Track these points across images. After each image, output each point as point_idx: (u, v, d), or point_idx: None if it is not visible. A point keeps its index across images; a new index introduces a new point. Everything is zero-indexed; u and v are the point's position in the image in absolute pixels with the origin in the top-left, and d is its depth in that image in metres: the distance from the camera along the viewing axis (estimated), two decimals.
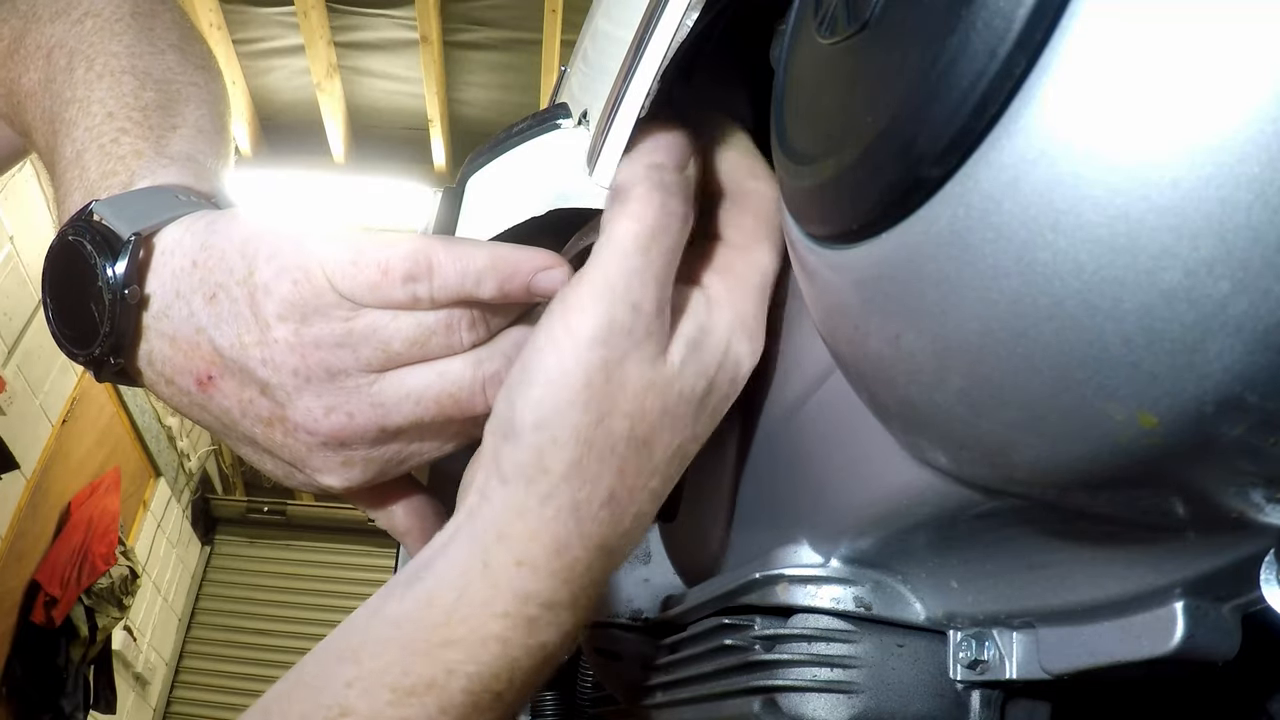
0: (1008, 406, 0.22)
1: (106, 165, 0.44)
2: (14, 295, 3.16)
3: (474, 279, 0.39)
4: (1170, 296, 0.18)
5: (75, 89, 0.48)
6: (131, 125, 0.46)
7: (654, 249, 0.35)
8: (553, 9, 3.18)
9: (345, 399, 0.39)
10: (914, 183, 0.22)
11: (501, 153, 0.43)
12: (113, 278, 0.40)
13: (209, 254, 0.40)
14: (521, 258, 0.39)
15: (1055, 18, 0.19)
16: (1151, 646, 0.28)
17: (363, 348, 0.39)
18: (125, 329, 0.40)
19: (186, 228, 0.41)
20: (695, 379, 0.37)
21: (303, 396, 0.39)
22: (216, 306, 0.39)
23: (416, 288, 0.38)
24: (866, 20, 0.25)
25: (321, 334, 0.38)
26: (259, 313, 0.39)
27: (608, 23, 0.43)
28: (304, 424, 0.40)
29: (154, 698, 4.77)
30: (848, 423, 0.35)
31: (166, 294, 0.40)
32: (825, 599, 0.36)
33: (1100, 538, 0.28)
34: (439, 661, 0.34)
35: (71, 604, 3.63)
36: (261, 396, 0.40)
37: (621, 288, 0.35)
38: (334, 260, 0.38)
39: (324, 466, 0.41)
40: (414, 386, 0.40)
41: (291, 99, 3.79)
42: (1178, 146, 0.18)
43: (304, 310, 0.38)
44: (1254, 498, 0.21)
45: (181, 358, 0.40)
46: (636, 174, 0.37)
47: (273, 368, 0.39)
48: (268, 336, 0.39)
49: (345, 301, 0.38)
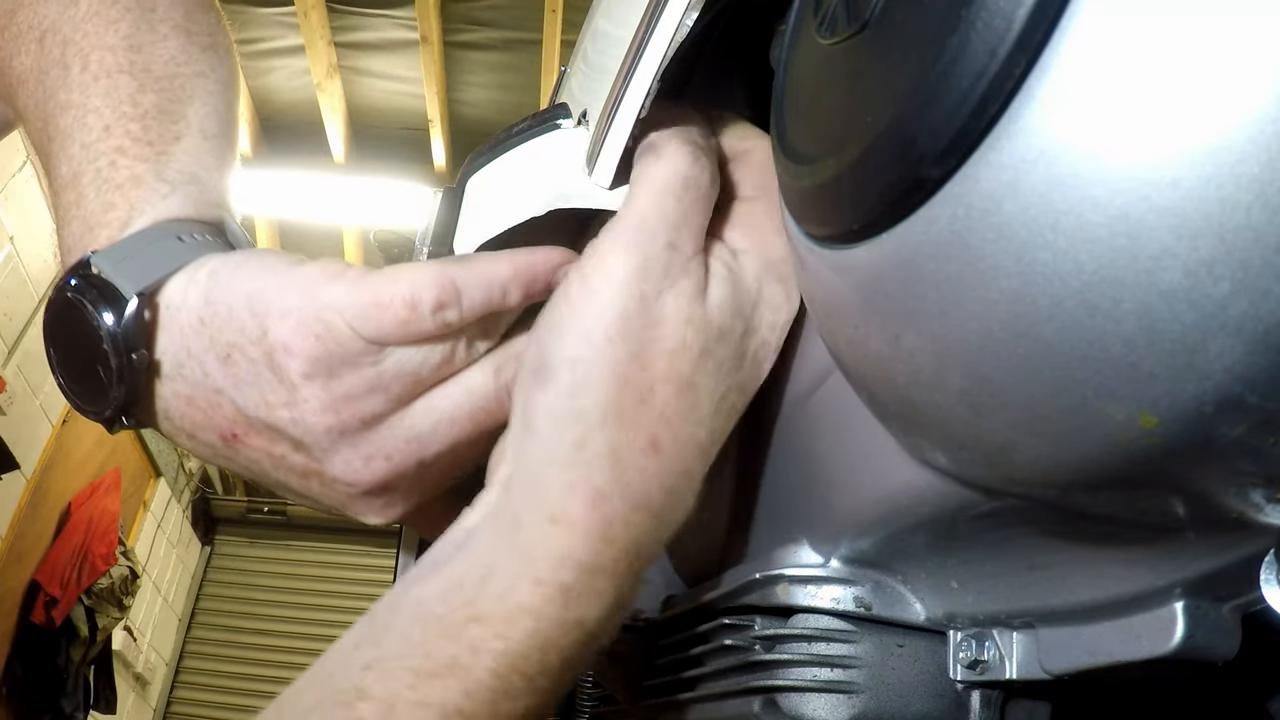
0: (1008, 407, 0.22)
1: (105, 196, 0.42)
2: (14, 295, 3.16)
3: (500, 292, 0.38)
4: (1170, 297, 0.18)
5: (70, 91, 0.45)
6: (130, 142, 0.44)
7: (687, 196, 0.35)
8: (553, 9, 3.17)
9: (382, 444, 0.38)
10: (914, 183, 0.22)
11: (501, 153, 0.43)
12: (120, 341, 0.38)
13: (215, 311, 0.38)
14: (539, 260, 0.39)
15: (1055, 18, 0.19)
16: (1151, 646, 0.28)
17: (394, 387, 0.38)
18: (136, 391, 0.39)
19: (189, 279, 0.40)
20: (733, 319, 0.36)
21: (339, 451, 0.38)
22: (234, 368, 0.38)
23: (447, 314, 0.37)
24: (866, 20, 0.25)
25: (352, 386, 0.37)
26: (283, 375, 0.37)
27: (608, 23, 0.43)
28: (343, 477, 0.38)
29: (154, 698, 4.77)
30: (847, 423, 0.35)
31: (178, 353, 0.39)
32: (825, 599, 0.36)
33: (1100, 538, 0.28)
34: (463, 640, 0.31)
35: (71, 604, 3.63)
36: (295, 453, 0.39)
37: (660, 225, 0.35)
38: (353, 305, 0.37)
39: (365, 510, 0.40)
40: (445, 410, 0.39)
41: (291, 99, 3.78)
42: (1178, 147, 0.18)
43: (330, 364, 0.37)
44: (1254, 498, 0.21)
45: (202, 417, 0.39)
46: (666, 133, 0.37)
47: (305, 428, 0.37)
48: (296, 397, 0.37)
49: (371, 346, 0.37)
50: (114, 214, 0.42)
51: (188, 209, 0.43)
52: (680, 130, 0.37)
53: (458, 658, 0.31)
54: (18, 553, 3.43)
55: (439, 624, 0.32)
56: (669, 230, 0.35)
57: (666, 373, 0.34)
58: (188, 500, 5.09)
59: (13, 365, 3.21)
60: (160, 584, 4.76)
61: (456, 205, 0.45)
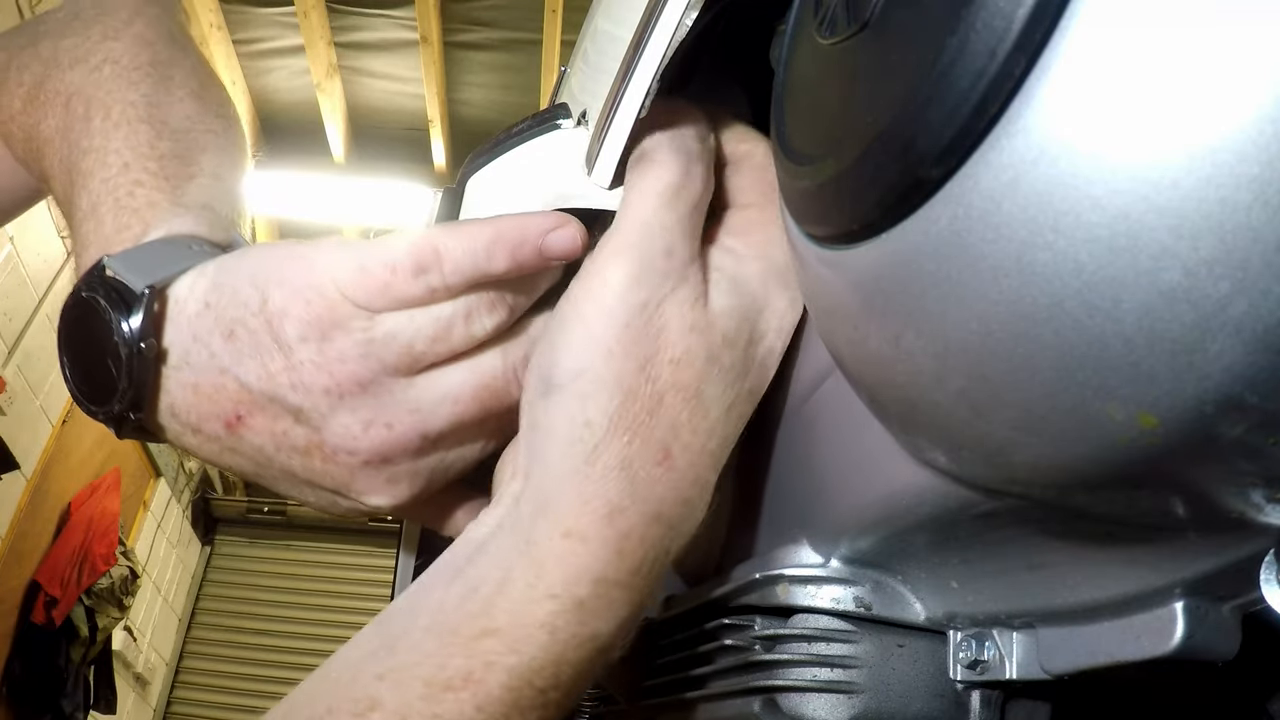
0: (1007, 407, 0.22)
1: (121, 219, 0.44)
2: (14, 295, 3.16)
3: (484, 254, 0.38)
4: (1170, 297, 0.18)
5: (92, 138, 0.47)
6: (147, 177, 0.45)
7: (679, 202, 0.36)
8: (553, 9, 3.18)
9: (382, 410, 0.38)
10: (914, 183, 0.22)
11: (501, 153, 0.43)
12: (129, 332, 0.39)
13: (220, 293, 0.39)
14: (528, 222, 0.38)
15: (1055, 18, 0.19)
16: (1151, 646, 0.28)
17: (387, 355, 0.38)
18: (144, 383, 0.40)
19: (198, 273, 0.41)
20: (738, 324, 0.36)
21: (338, 415, 0.38)
22: (236, 343, 0.39)
23: (429, 278, 0.38)
24: (866, 20, 0.25)
25: (345, 348, 0.38)
26: (280, 339, 0.38)
27: (607, 23, 0.43)
28: (343, 444, 0.39)
29: (154, 698, 4.77)
30: (848, 423, 0.35)
31: (184, 341, 0.40)
32: (825, 599, 0.36)
33: (1100, 538, 0.28)
34: (477, 654, 0.32)
35: (71, 604, 3.63)
36: (296, 425, 0.39)
37: (655, 232, 0.35)
38: (341, 271, 0.38)
39: (368, 487, 0.40)
40: (450, 386, 0.39)
41: (291, 99, 3.79)
42: (1177, 147, 0.18)
43: (322, 327, 0.38)
44: (1254, 498, 0.21)
45: (207, 404, 0.40)
46: (658, 139, 0.37)
47: (304, 391, 0.38)
48: (293, 360, 0.38)
49: (361, 311, 0.38)
50: (129, 232, 0.44)
51: (201, 229, 0.45)
52: (673, 134, 0.37)
53: (471, 671, 0.31)
54: (18, 553, 3.43)
55: (454, 635, 0.32)
56: (664, 236, 0.35)
57: (673, 382, 0.34)
58: (188, 500, 5.09)
59: (13, 365, 3.21)
60: (160, 584, 4.76)
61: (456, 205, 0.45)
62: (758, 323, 0.37)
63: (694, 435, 0.35)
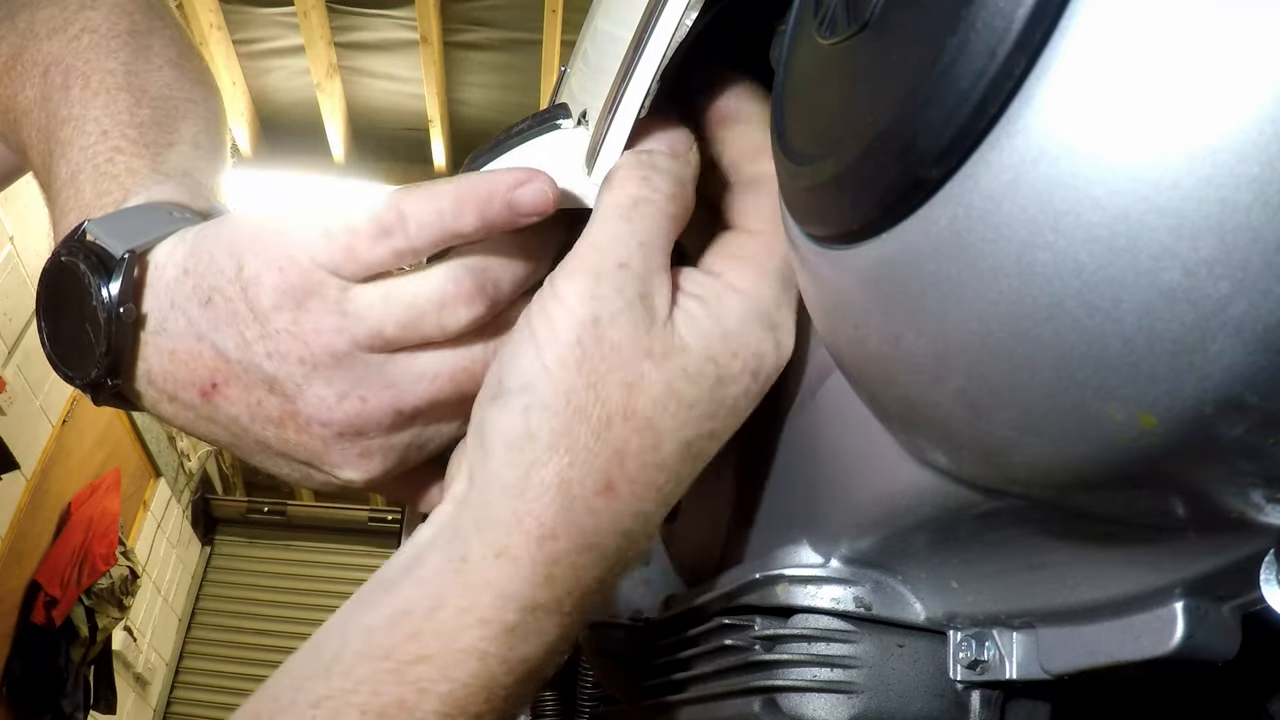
0: (1007, 407, 0.22)
1: (101, 185, 0.44)
2: (14, 295, 3.16)
3: (450, 212, 0.37)
4: (1170, 297, 0.18)
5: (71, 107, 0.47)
6: (127, 144, 0.45)
7: (636, 216, 0.35)
8: (553, 9, 3.18)
9: (356, 383, 0.38)
10: (914, 183, 0.22)
11: (501, 153, 0.43)
12: (108, 297, 0.39)
13: (198, 259, 0.39)
14: (495, 178, 0.37)
15: (1055, 18, 0.19)
16: (1151, 646, 0.28)
17: (359, 331, 0.38)
18: (122, 348, 0.39)
19: (178, 239, 0.41)
20: (703, 361, 0.34)
21: (313, 385, 0.38)
22: (213, 310, 0.38)
23: (394, 241, 0.37)
24: (866, 20, 0.25)
25: (320, 318, 0.37)
26: (255, 307, 0.38)
27: (607, 23, 0.43)
28: (317, 415, 0.38)
29: (154, 698, 4.77)
30: (847, 423, 0.35)
31: (162, 307, 0.40)
32: (825, 599, 0.36)
33: (1100, 538, 0.28)
34: (410, 680, 0.32)
35: (71, 604, 3.63)
36: (270, 395, 0.39)
37: (606, 247, 0.35)
38: (310, 237, 0.37)
39: (342, 460, 0.40)
40: (427, 364, 0.39)
41: (291, 99, 3.79)
42: (1178, 147, 0.18)
43: (296, 295, 0.37)
44: (1254, 498, 0.21)
45: (183, 370, 0.40)
46: (625, 160, 0.37)
47: (279, 359, 0.38)
48: (269, 329, 0.38)
49: (333, 279, 0.37)
50: (109, 198, 0.43)
51: (182, 196, 0.44)
52: (641, 154, 0.37)
53: (404, 698, 0.32)
54: (18, 553, 3.43)
55: (386, 661, 0.32)
56: (619, 249, 0.34)
57: (624, 407, 0.33)
58: (188, 500, 5.09)
59: (13, 365, 3.21)
60: (160, 584, 4.76)
61: None
62: (729, 364, 0.35)
63: (641, 469, 0.34)
